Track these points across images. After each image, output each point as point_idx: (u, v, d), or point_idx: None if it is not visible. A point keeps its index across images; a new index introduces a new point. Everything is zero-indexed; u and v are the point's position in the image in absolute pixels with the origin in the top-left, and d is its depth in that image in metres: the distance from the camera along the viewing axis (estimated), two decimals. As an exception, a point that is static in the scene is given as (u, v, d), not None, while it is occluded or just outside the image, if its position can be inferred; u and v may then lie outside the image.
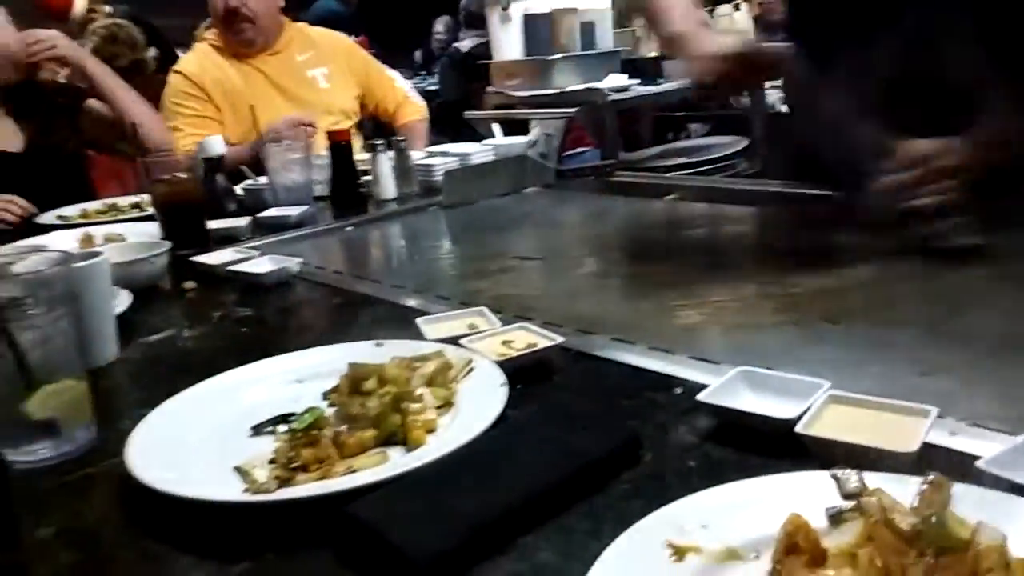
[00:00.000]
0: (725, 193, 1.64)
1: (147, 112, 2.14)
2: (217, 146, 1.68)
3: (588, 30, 2.96)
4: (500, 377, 0.74)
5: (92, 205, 1.88)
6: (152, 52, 3.48)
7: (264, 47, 2.41)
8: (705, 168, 2.95)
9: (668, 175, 2.44)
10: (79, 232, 1.56)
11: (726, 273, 1.16)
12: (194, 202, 1.48)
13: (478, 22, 4.76)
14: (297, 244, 1.54)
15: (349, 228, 1.64)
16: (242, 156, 2.01)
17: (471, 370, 0.78)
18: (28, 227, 1.78)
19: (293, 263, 1.25)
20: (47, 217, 1.81)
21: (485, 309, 0.94)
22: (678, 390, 0.74)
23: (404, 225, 1.70)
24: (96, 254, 0.93)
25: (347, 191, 1.80)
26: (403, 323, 0.94)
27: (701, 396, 0.67)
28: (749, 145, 3.15)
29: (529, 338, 0.85)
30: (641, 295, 1.15)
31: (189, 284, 1.25)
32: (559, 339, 0.82)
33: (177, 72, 2.40)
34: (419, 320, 0.92)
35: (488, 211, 1.72)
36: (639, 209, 1.67)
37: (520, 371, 0.77)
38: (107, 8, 3.62)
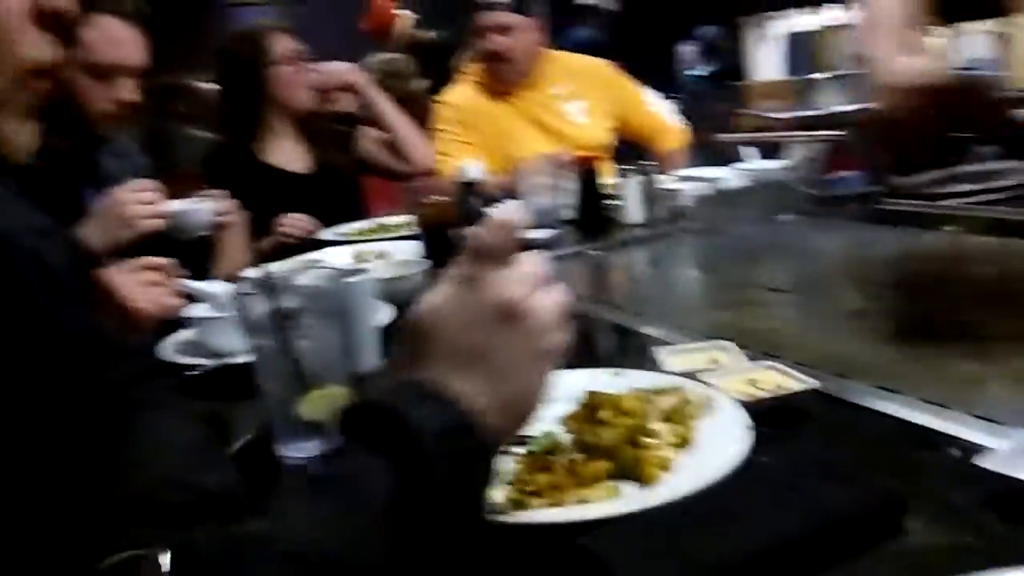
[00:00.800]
0: (1018, 226, 1.44)
1: (416, 136, 2.33)
2: (474, 170, 1.78)
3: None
4: (744, 419, 0.70)
5: (365, 224, 2.07)
6: (424, 84, 3.80)
7: (521, 83, 2.52)
8: (994, 197, 2.61)
9: (947, 203, 2.19)
10: (353, 249, 1.72)
11: (1017, 318, 1.01)
12: (452, 224, 1.57)
13: (715, 52, 4.68)
14: (543, 266, 1.58)
15: (594, 252, 1.65)
16: (498, 183, 2.11)
17: (712, 408, 0.74)
18: (312, 243, 2.00)
19: (539, 285, 1.28)
20: (327, 234, 2.02)
21: (730, 343, 0.90)
22: (954, 451, 0.65)
23: (650, 251, 1.68)
24: (363, 271, 1.02)
25: (593, 215, 1.82)
26: (643, 352, 0.93)
27: (982, 460, 0.58)
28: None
29: (778, 379, 0.79)
30: (910, 338, 1.03)
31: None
32: (813, 383, 0.76)
33: (442, 102, 2.59)
34: (659, 350, 0.90)
35: (738, 239, 1.65)
36: (911, 241, 1.51)
37: (767, 414, 0.72)
38: (430, 34, 4.00)
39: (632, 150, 2.61)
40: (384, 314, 1.20)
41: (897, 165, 1.93)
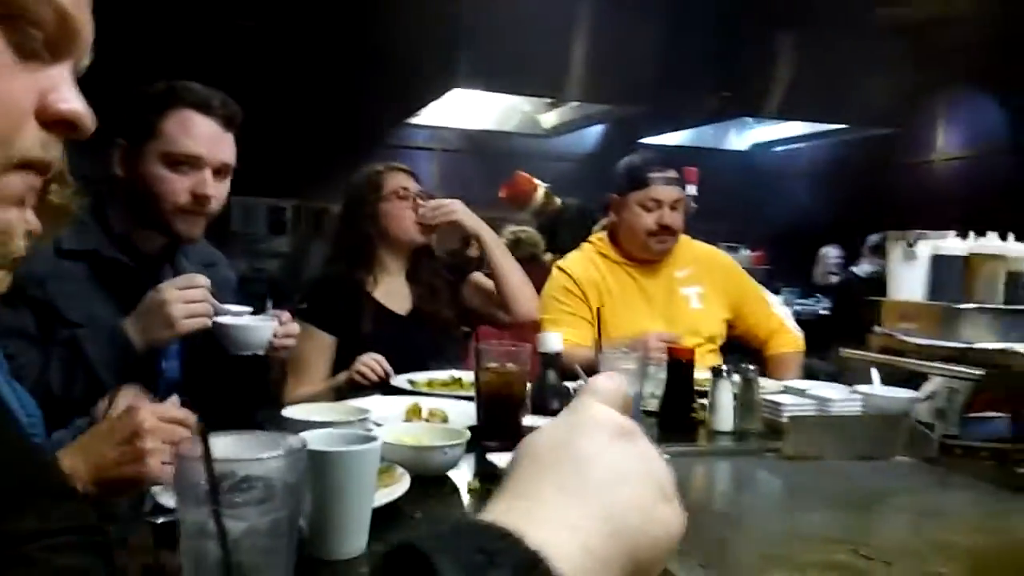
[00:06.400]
0: None
1: (524, 286, 2.26)
2: (555, 343, 1.65)
3: (1017, 282, 2.50)
4: None
5: (441, 375, 1.96)
6: (548, 256, 3.80)
7: (652, 260, 2.45)
8: None
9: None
10: (410, 401, 1.60)
11: None
12: (514, 396, 1.43)
13: (882, 254, 4.52)
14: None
15: (665, 456, 1.45)
16: (584, 358, 1.97)
17: None
18: (383, 386, 1.90)
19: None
20: (399, 380, 1.91)
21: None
22: None
23: (733, 468, 1.47)
24: (370, 439, 0.89)
25: (678, 413, 1.64)
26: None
27: None
28: None
29: None
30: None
31: (474, 483, 1.17)
32: None
33: (561, 269, 2.52)
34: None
35: (840, 476, 1.42)
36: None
37: None
38: (558, 200, 4.11)
39: (743, 351, 2.43)
40: (399, 488, 1.06)
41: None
